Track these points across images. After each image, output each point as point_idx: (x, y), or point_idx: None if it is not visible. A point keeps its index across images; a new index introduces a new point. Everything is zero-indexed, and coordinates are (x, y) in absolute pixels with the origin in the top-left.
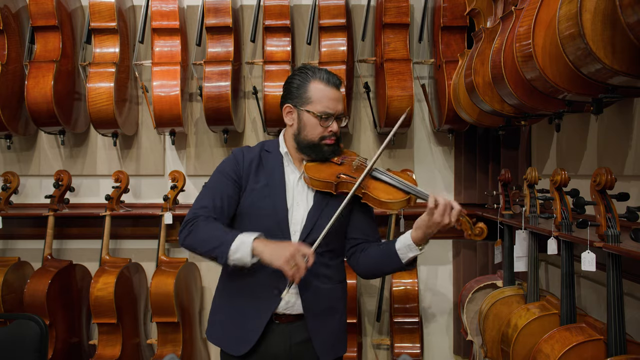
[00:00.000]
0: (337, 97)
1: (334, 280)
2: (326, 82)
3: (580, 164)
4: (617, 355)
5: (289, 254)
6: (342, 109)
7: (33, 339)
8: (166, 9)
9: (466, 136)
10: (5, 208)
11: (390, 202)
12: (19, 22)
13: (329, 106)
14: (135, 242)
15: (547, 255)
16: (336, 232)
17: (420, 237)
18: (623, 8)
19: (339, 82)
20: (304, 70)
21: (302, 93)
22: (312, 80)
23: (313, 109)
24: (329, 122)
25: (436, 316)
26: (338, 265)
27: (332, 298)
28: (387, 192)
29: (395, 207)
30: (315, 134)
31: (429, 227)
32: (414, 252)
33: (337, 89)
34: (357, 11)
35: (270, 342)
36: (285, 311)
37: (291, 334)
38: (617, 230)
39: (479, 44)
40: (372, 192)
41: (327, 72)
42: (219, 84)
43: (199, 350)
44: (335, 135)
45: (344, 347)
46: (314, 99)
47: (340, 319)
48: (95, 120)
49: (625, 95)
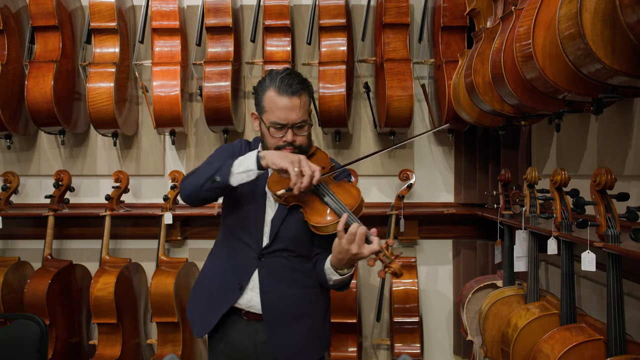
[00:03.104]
0: (289, 106)
1: (303, 285)
2: (277, 90)
3: (580, 164)
4: (617, 355)
5: (297, 157)
6: (298, 117)
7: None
8: (166, 9)
9: (466, 136)
10: (5, 208)
11: (320, 226)
12: (19, 22)
13: (280, 117)
14: (135, 242)
15: (547, 255)
16: (303, 239)
17: (335, 262)
18: (623, 8)
19: (296, 90)
20: (266, 77)
21: (260, 101)
22: (267, 89)
23: (265, 119)
24: (282, 133)
25: (436, 316)
26: (310, 271)
27: (300, 304)
28: (320, 214)
29: (326, 231)
30: (271, 143)
31: (339, 252)
32: (335, 276)
33: (289, 98)
34: (357, 11)
35: (236, 336)
36: (248, 308)
37: (257, 332)
38: (617, 230)
39: (479, 44)
40: (307, 212)
41: (283, 79)
42: (219, 84)
43: (199, 350)
44: (291, 145)
45: (319, 350)
46: (267, 109)
47: (312, 324)
48: (95, 120)
49: (625, 95)
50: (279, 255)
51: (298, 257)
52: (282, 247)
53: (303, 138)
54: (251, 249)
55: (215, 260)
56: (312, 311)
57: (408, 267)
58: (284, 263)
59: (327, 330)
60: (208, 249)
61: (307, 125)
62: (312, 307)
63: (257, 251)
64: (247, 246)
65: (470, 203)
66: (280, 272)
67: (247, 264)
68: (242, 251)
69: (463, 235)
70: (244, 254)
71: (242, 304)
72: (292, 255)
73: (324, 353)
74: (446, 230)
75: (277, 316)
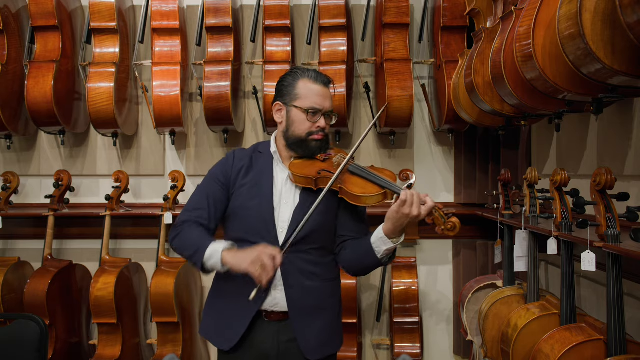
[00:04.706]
0: (324, 94)
1: (323, 278)
2: (314, 79)
3: (580, 164)
4: (617, 355)
5: (254, 256)
6: (330, 106)
7: (33, 339)
8: (166, 9)
9: (466, 136)
10: (5, 208)
11: (365, 196)
12: (19, 22)
13: (317, 102)
14: (135, 242)
15: (547, 255)
16: (324, 229)
17: (391, 229)
18: (623, 8)
19: (327, 81)
20: (294, 70)
21: (291, 90)
22: (300, 78)
23: (301, 105)
24: (317, 118)
25: (436, 316)
26: (329, 263)
27: (320, 296)
28: (362, 187)
29: (370, 202)
30: (302, 129)
31: (398, 219)
32: (387, 245)
33: (325, 86)
34: (357, 11)
35: (258, 339)
36: (272, 308)
37: (279, 331)
38: (617, 230)
39: (479, 44)
40: (348, 186)
41: (316, 72)
42: (219, 84)
43: (199, 350)
44: (322, 131)
45: (336, 345)
46: (302, 95)
47: (331, 317)
48: (95, 120)
49: (625, 95)
50: (299, 249)
51: (318, 250)
52: (302, 239)
53: (329, 128)
54: None
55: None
56: (332, 305)
57: (408, 267)
58: (305, 257)
59: (341, 327)
60: None
61: (334, 116)
62: (331, 301)
63: None
64: None
65: (470, 203)
66: (301, 266)
67: None
68: None
69: (463, 235)
70: None
71: (266, 305)
72: (312, 248)
73: (339, 349)
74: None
75: (302, 310)
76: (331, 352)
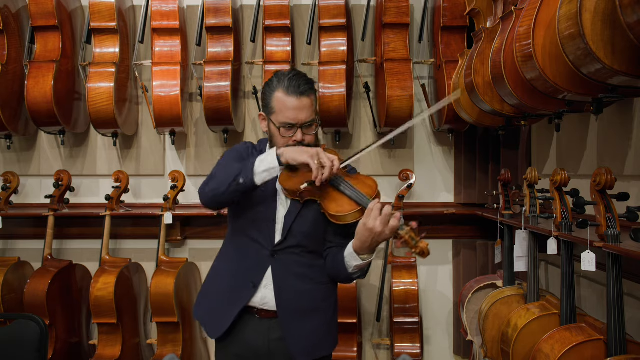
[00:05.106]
0: (299, 106)
1: (316, 280)
2: (286, 91)
3: (580, 164)
4: (617, 355)
5: (315, 151)
6: (307, 117)
7: (33, 339)
8: (166, 9)
9: (466, 136)
10: (5, 208)
11: (340, 215)
12: (19, 22)
13: (289, 117)
14: (135, 242)
15: (547, 255)
16: (317, 236)
17: (359, 245)
18: (623, 8)
19: (304, 90)
20: (273, 78)
21: (269, 102)
22: (275, 90)
23: (275, 119)
24: (291, 133)
25: (436, 316)
26: (323, 266)
27: (313, 299)
28: (339, 204)
29: (348, 220)
30: (281, 143)
31: (362, 234)
32: (357, 262)
33: (298, 98)
34: (357, 11)
35: (248, 335)
36: (262, 306)
37: (270, 329)
38: (617, 230)
39: (479, 44)
40: (325, 203)
41: (291, 80)
42: (219, 84)
43: (199, 350)
44: (301, 144)
45: (329, 347)
46: (276, 109)
47: (324, 320)
48: (95, 120)
49: (625, 95)
50: (292, 251)
51: (311, 254)
52: (295, 243)
53: (311, 137)
54: (263, 247)
55: (226, 261)
56: (324, 307)
57: (408, 267)
58: (297, 259)
59: (336, 328)
60: (208, 249)
61: (315, 124)
62: (324, 303)
63: (270, 248)
64: (259, 244)
65: (470, 203)
66: (293, 268)
67: (260, 262)
68: (254, 249)
69: (463, 235)
70: (256, 252)
71: (255, 302)
72: (305, 252)
73: (332, 351)
74: (446, 230)
75: (292, 312)
76: (323, 354)
